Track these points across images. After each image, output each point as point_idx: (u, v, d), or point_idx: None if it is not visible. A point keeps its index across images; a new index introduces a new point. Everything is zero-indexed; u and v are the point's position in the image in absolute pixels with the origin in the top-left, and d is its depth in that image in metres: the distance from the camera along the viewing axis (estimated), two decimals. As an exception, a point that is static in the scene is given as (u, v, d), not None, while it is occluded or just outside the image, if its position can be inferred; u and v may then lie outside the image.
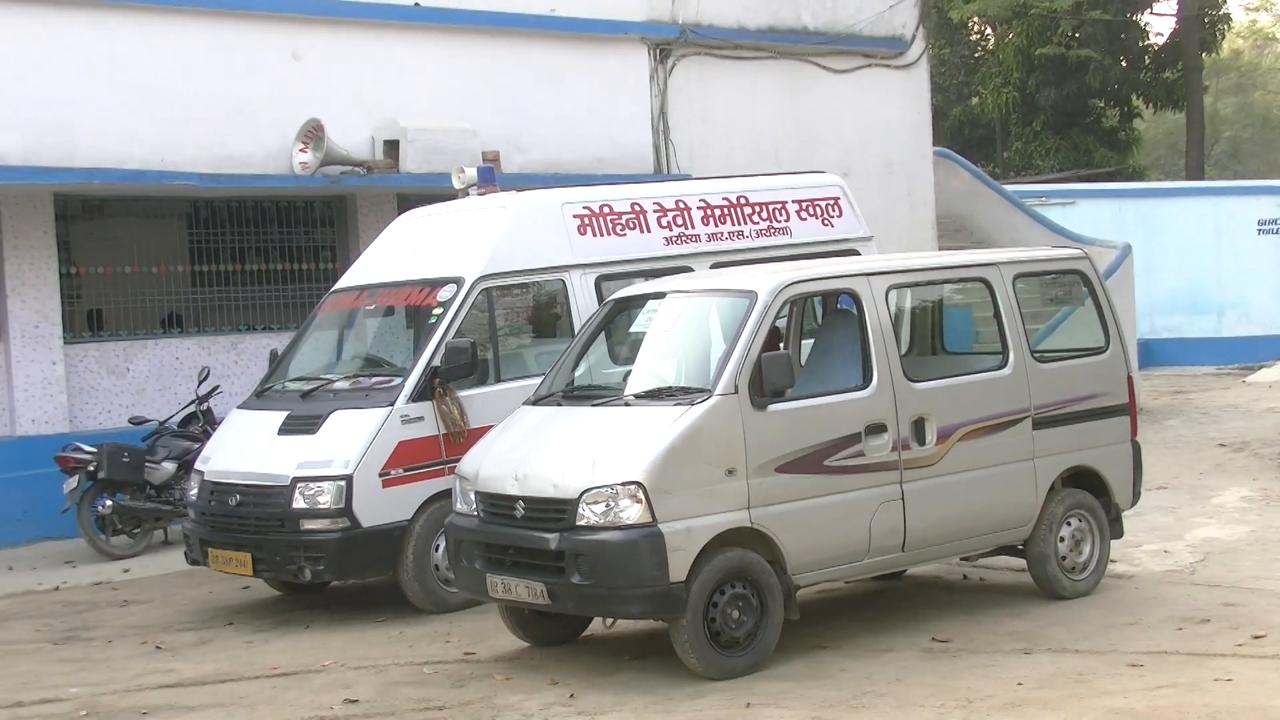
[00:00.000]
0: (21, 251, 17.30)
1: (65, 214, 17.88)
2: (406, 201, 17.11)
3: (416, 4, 19.20)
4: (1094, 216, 29.73)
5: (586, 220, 13.34)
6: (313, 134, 18.14)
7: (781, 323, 10.75)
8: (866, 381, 10.31)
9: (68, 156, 16.99)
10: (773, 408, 9.83)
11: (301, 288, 18.95)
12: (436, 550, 12.00)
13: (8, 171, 16.54)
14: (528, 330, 13.81)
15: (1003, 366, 11.05)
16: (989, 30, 48.18)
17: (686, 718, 8.94)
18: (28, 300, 17.31)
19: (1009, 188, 29.81)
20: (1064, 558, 11.24)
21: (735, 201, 14.14)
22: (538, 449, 10.15)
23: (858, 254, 13.94)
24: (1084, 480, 11.42)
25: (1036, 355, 11.41)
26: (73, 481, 15.65)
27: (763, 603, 9.70)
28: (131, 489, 15.84)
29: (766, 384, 9.75)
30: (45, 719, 9.83)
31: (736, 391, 9.71)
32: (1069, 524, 11.26)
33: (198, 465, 13.04)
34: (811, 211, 14.42)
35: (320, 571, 11.98)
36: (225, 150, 17.97)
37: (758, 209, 14.17)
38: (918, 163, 23.68)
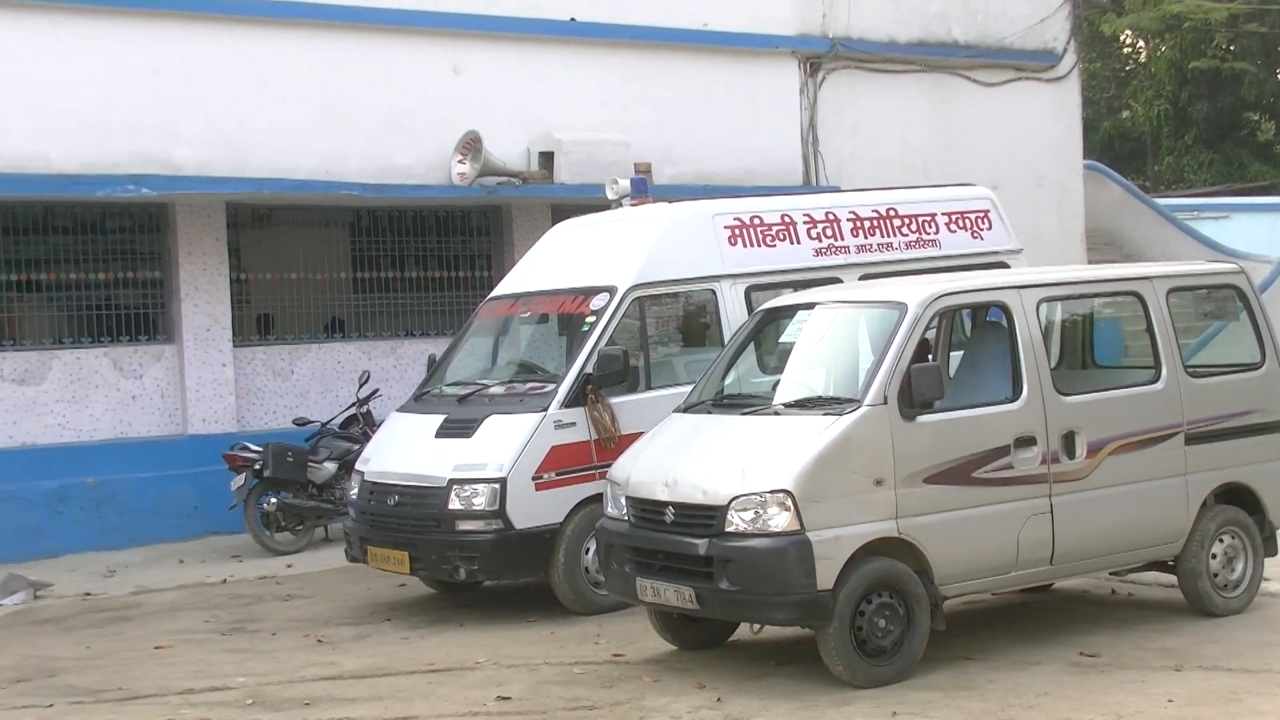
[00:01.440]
0: (195, 258, 17.58)
1: (236, 222, 18.12)
2: (560, 212, 17.09)
3: (572, 19, 19.23)
4: (1248, 231, 28.93)
5: (737, 231, 13.24)
6: (471, 146, 18.24)
7: (931, 334, 10.55)
8: (1016, 394, 10.11)
9: (239, 167, 17.25)
10: (922, 419, 9.66)
11: (458, 295, 19.05)
12: (587, 553, 11.96)
13: (183, 181, 16.84)
14: (678, 339, 13.71)
15: (1155, 381, 10.76)
16: (1140, 43, 47.29)
17: (833, 724, 8.82)
18: (200, 305, 17.57)
19: (1160, 201, 29.22)
20: (1216, 574, 10.91)
21: (884, 214, 13.95)
22: (687, 456, 10.07)
23: (1007, 266, 13.70)
24: (1237, 497, 11.07)
25: (1189, 370, 11.09)
26: (240, 479, 15.88)
27: (909, 612, 9.52)
28: (295, 487, 16.02)
29: (916, 395, 9.60)
30: (214, 706, 9.91)
31: (886, 402, 9.56)
32: (1221, 540, 10.92)
33: (358, 466, 13.12)
34: (961, 224, 14.20)
35: (474, 571, 12.01)
36: (387, 161, 18.13)
37: (907, 221, 13.98)
38: (1068, 176, 23.32)
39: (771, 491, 9.30)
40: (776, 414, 10.08)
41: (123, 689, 10.53)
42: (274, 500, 15.96)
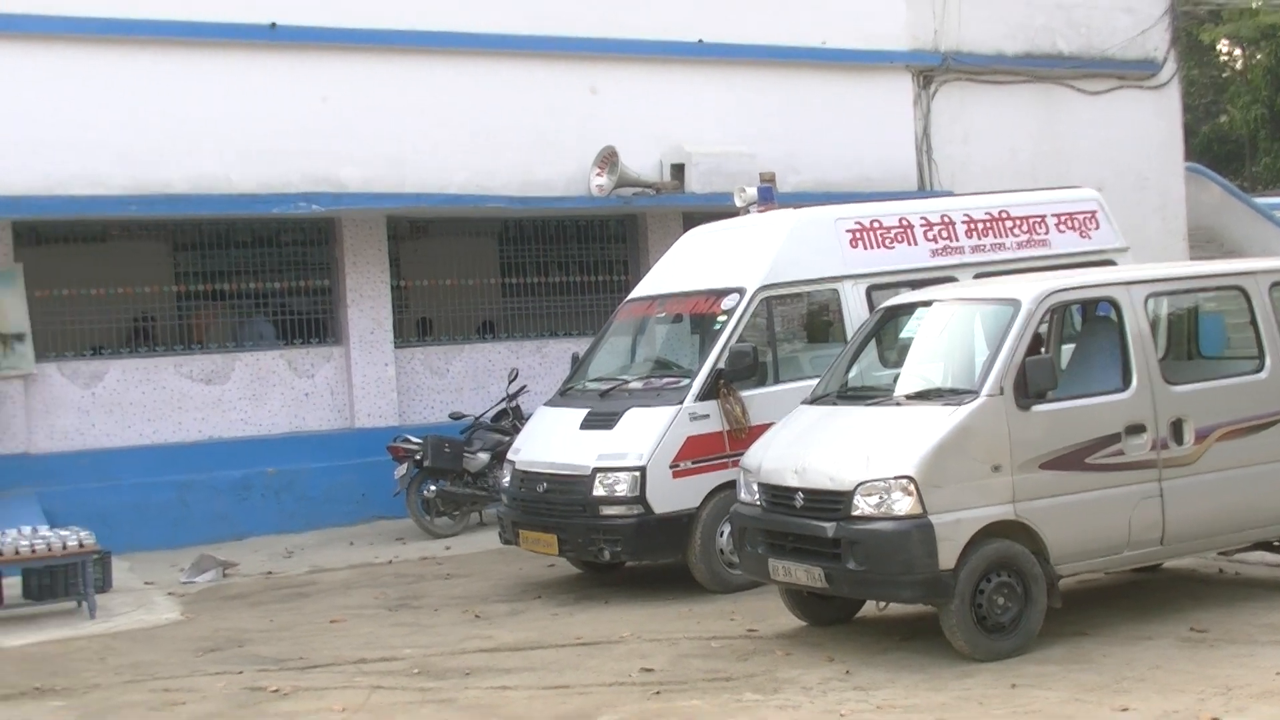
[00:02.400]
0: (359, 267, 17.75)
1: (396, 234, 18.28)
2: (691, 219, 17.05)
3: (700, 40, 19.17)
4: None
5: (857, 235, 13.11)
6: (608, 160, 18.25)
7: (1043, 329, 10.35)
8: (1126, 384, 9.90)
9: (398, 184, 17.42)
10: (1036, 408, 9.51)
11: (597, 297, 19.06)
12: (721, 535, 11.89)
13: (349, 198, 17.03)
14: (803, 335, 13.61)
15: (1259, 371, 10.47)
16: (1237, 51, 46.25)
17: (955, 695, 8.67)
18: (364, 310, 17.75)
19: (1259, 201, 28.53)
20: (1321, 553, 10.64)
21: (996, 216, 13.75)
22: (815, 445, 10.00)
23: (1114, 264, 13.43)
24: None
25: (1293, 359, 10.80)
26: (402, 469, 16.01)
27: (1027, 591, 9.37)
28: (452, 476, 16.11)
29: (1030, 386, 9.45)
30: (384, 675, 9.98)
31: (1002, 393, 9.44)
32: (1327, 520, 10.62)
33: (510, 456, 13.15)
34: (1069, 224, 13.95)
35: (618, 553, 12.01)
36: (532, 176, 18.19)
37: (1018, 222, 13.77)
38: (1169, 178, 22.87)
39: (895, 477, 9.21)
40: (898, 405, 9.99)
41: (303, 658, 10.66)
42: (433, 488, 16.05)
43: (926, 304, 10.95)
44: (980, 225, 13.60)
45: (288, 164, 16.95)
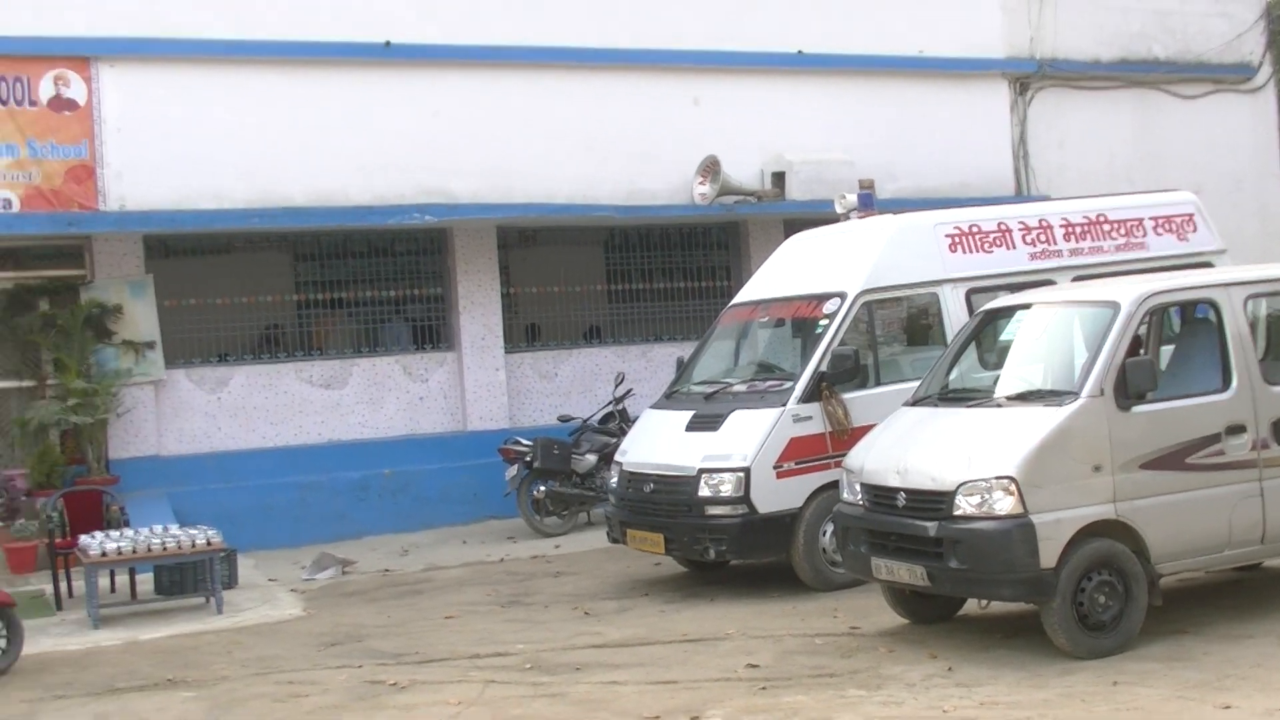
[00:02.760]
0: (471, 275, 17.86)
1: (505, 243, 18.35)
2: (792, 226, 16.95)
3: (800, 51, 19.10)
4: None
5: (956, 239, 12.99)
6: (710, 169, 18.23)
7: (1142, 330, 10.19)
8: (1226, 385, 9.73)
9: (507, 195, 17.52)
10: (1136, 409, 9.37)
11: (700, 303, 19.04)
12: (824, 535, 11.82)
13: (461, 209, 17.15)
14: (903, 339, 13.47)
15: (1361, 370, 10.24)
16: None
17: (1057, 693, 8.55)
18: (476, 316, 17.85)
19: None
20: None
21: (1094, 219, 13.55)
22: (917, 445, 9.91)
23: (1212, 266, 13.19)
24: None
25: (1395, 358, 10.52)
26: (513, 470, 16.08)
27: (1127, 589, 9.24)
28: (560, 477, 16.16)
29: (1130, 387, 9.33)
30: (498, 669, 10.02)
31: (1102, 394, 9.32)
32: None
33: (617, 457, 13.16)
34: (1167, 227, 13.72)
35: (723, 551, 11.99)
36: (636, 185, 18.21)
37: (1115, 226, 13.56)
38: (1266, 180, 22.45)
39: (997, 478, 9.12)
40: (999, 406, 9.88)
41: (419, 653, 10.72)
42: (543, 488, 16.11)
43: (1026, 307, 10.83)
44: (1078, 229, 13.41)
45: (402, 177, 17.11)
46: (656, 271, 19.20)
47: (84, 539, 12.90)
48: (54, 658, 11.41)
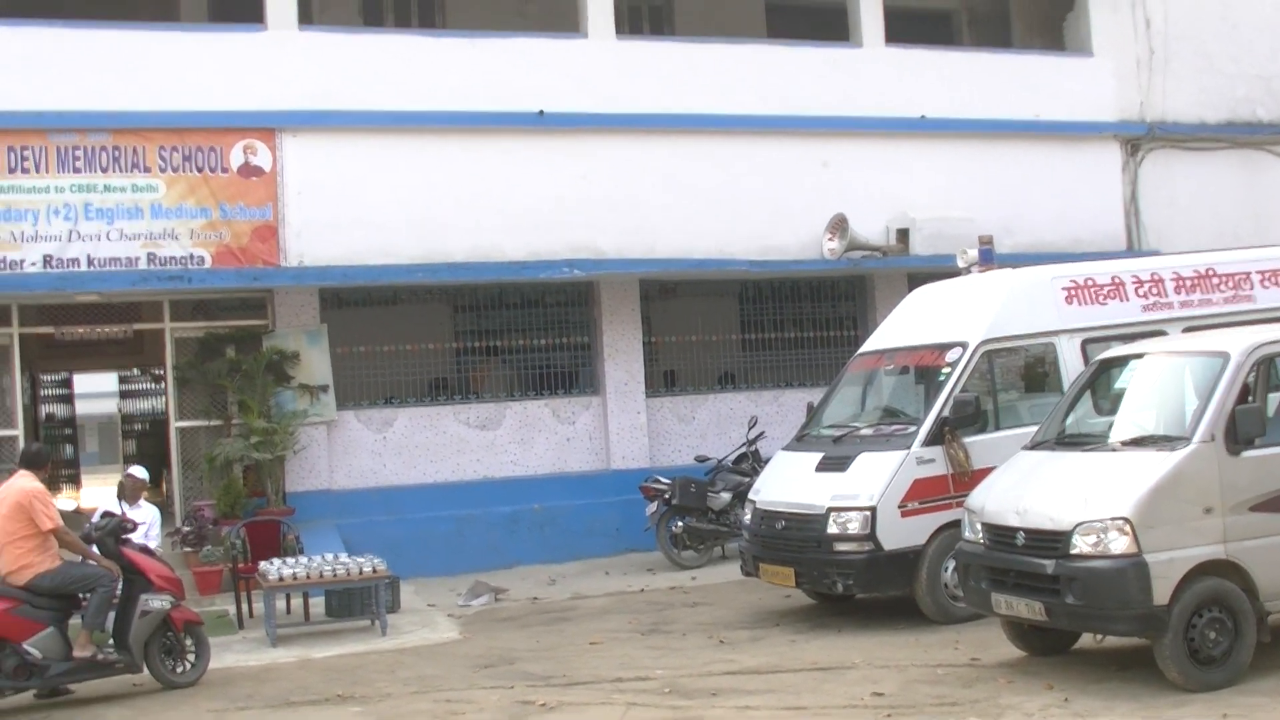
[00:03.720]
0: (615, 325, 17.96)
1: (647, 295, 18.40)
2: (915, 279, 16.81)
3: (922, 116, 18.99)
4: None
5: (1072, 292, 12.80)
6: (839, 226, 18.18)
7: (1250, 379, 9.93)
8: (1330, 431, 9.47)
9: (649, 250, 17.59)
10: (1245, 454, 9.16)
11: (828, 351, 18.92)
12: (946, 571, 11.69)
13: (606, 264, 17.30)
14: (1021, 386, 13.25)
15: None
16: None
17: (1169, 724, 8.38)
18: (619, 364, 17.93)
19: None
20: None
21: (1204, 273, 13.26)
22: (1035, 487, 9.77)
23: (1318, 319, 12.86)
24: None
25: None
26: (653, 506, 16.09)
27: (1237, 626, 9.01)
28: (697, 513, 16.14)
29: (1240, 433, 9.13)
30: (639, 692, 10.00)
31: (1213, 439, 9.15)
32: None
33: (751, 495, 13.11)
34: (1274, 280, 13.32)
35: (850, 585, 11.90)
36: (768, 241, 18.20)
37: (1224, 279, 13.25)
38: (1363, 236, 21.80)
39: (1112, 518, 8.98)
40: (1114, 450, 9.72)
41: (566, 675, 10.74)
42: (681, 524, 16.10)
43: (1139, 356, 10.64)
44: (1188, 282, 13.15)
45: (552, 234, 17.26)
46: (787, 322, 19.14)
47: (264, 565, 13.18)
48: (236, 672, 11.65)
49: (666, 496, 16.02)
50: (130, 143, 16.11)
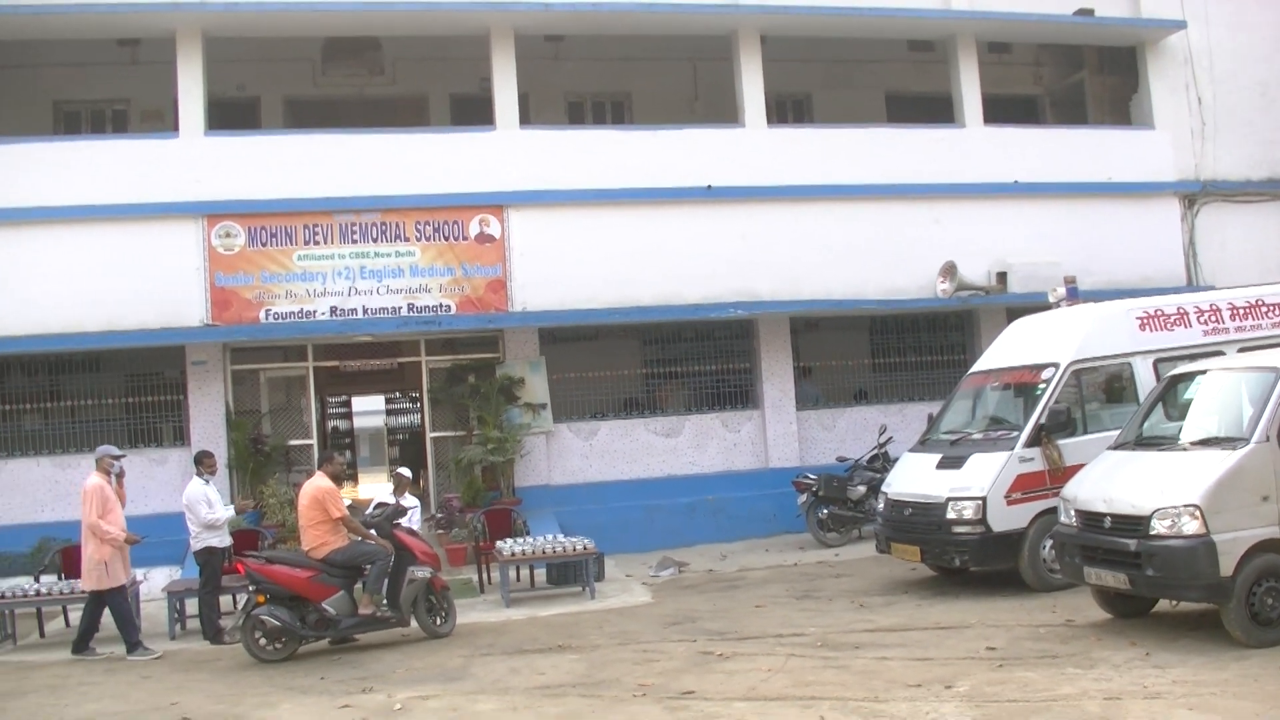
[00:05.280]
0: (770, 354, 17.95)
1: (795, 329, 18.33)
2: (1013, 313, 16.45)
3: (1015, 181, 18.64)
4: None
5: (1145, 320, 12.46)
6: (949, 271, 17.93)
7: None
8: (1370, 431, 9.06)
9: (796, 293, 17.57)
10: (1296, 451, 8.84)
11: (942, 372, 18.56)
12: (1044, 548, 11.45)
13: (763, 305, 17.29)
14: (1103, 398, 12.91)
15: None
16: None
17: (1234, 674, 8.12)
18: (774, 384, 17.91)
19: None
20: None
21: (1254, 303, 12.78)
22: (1119, 480, 9.56)
23: (1357, 340, 12.30)
24: None
25: None
26: (803, 497, 16.03)
27: (1291, 594, 8.71)
28: (839, 503, 16.03)
29: (1290, 434, 8.81)
30: (796, 646, 9.98)
31: (1268, 440, 8.89)
32: None
33: (883, 488, 13.00)
34: None
35: (965, 560, 11.72)
36: (892, 284, 18.02)
37: (1271, 308, 12.75)
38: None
39: (1185, 505, 8.76)
40: (1184, 450, 9.46)
41: (737, 631, 10.77)
42: (826, 511, 16.01)
43: (1202, 372, 10.34)
44: (1241, 310, 12.69)
45: (719, 282, 17.32)
46: (908, 348, 18.89)
47: (499, 543, 13.41)
48: (479, 627, 11.88)
49: (814, 489, 15.95)
50: (394, 219, 16.64)
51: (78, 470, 16.07)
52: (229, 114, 18.32)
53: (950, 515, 11.65)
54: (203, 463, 12.43)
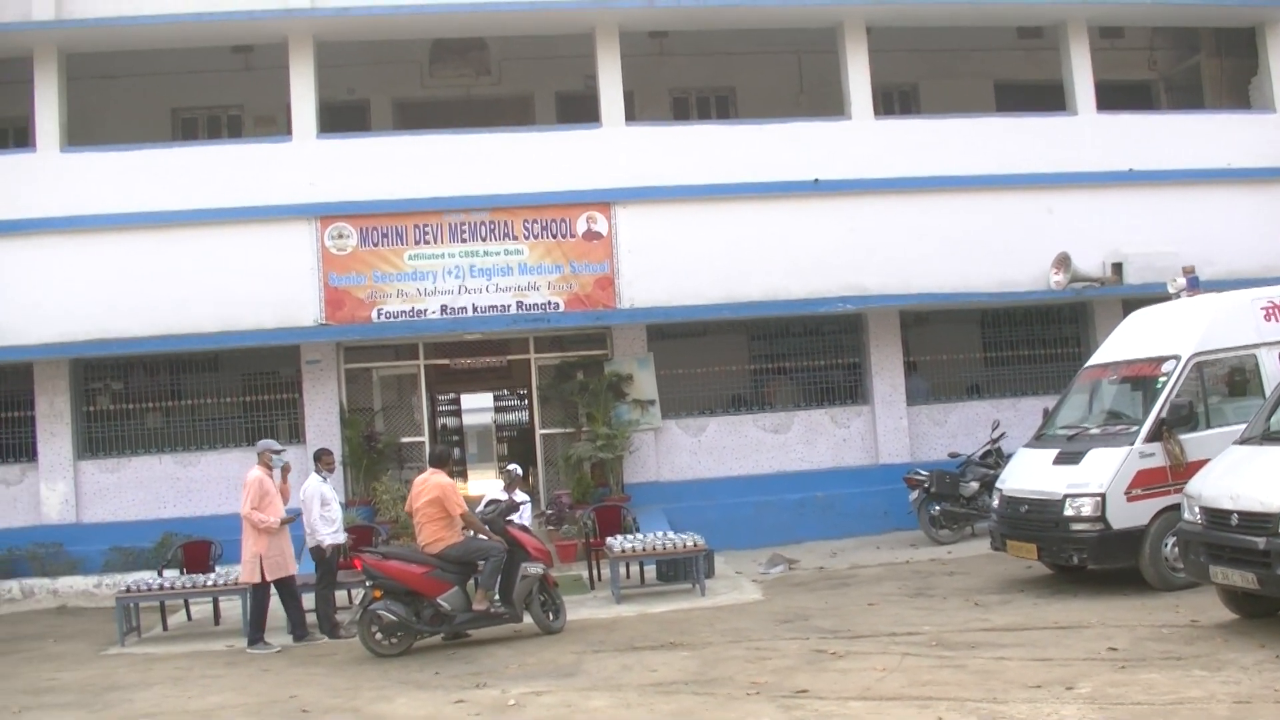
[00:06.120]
0: (880, 348, 17.77)
1: (905, 323, 18.11)
2: (1129, 305, 16.04)
3: (1130, 169, 18.17)
4: None
5: (1270, 310, 12.03)
6: (1062, 262, 17.56)
7: None
8: None
9: (905, 287, 17.40)
10: None
11: (1055, 366, 18.24)
12: (1166, 546, 11.14)
13: (872, 299, 17.20)
14: (1226, 391, 12.51)
15: None
16: None
17: (1372, 678, 7.81)
18: (884, 379, 17.72)
19: None
20: None
21: None
22: (1246, 476, 9.25)
23: None
24: None
25: None
26: (915, 494, 15.84)
27: None
28: (951, 499, 15.80)
29: None
30: (910, 644, 9.86)
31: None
32: None
33: (998, 485, 12.76)
34: None
35: (1083, 558, 11.44)
36: (1004, 276, 17.71)
37: None
38: None
39: (1316, 502, 8.42)
40: (1315, 445, 9.11)
41: (849, 630, 10.66)
42: (937, 508, 15.80)
43: (1334, 364, 9.97)
44: None
45: (827, 276, 17.21)
46: (1020, 342, 18.53)
47: (609, 540, 13.45)
48: (590, 623, 11.91)
49: (926, 485, 15.75)
50: (502, 218, 16.84)
51: (197, 468, 16.58)
52: (340, 117, 18.71)
53: (1068, 512, 11.40)
54: (321, 460, 12.68)
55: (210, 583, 12.77)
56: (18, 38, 16.55)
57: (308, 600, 12.54)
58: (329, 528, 12.38)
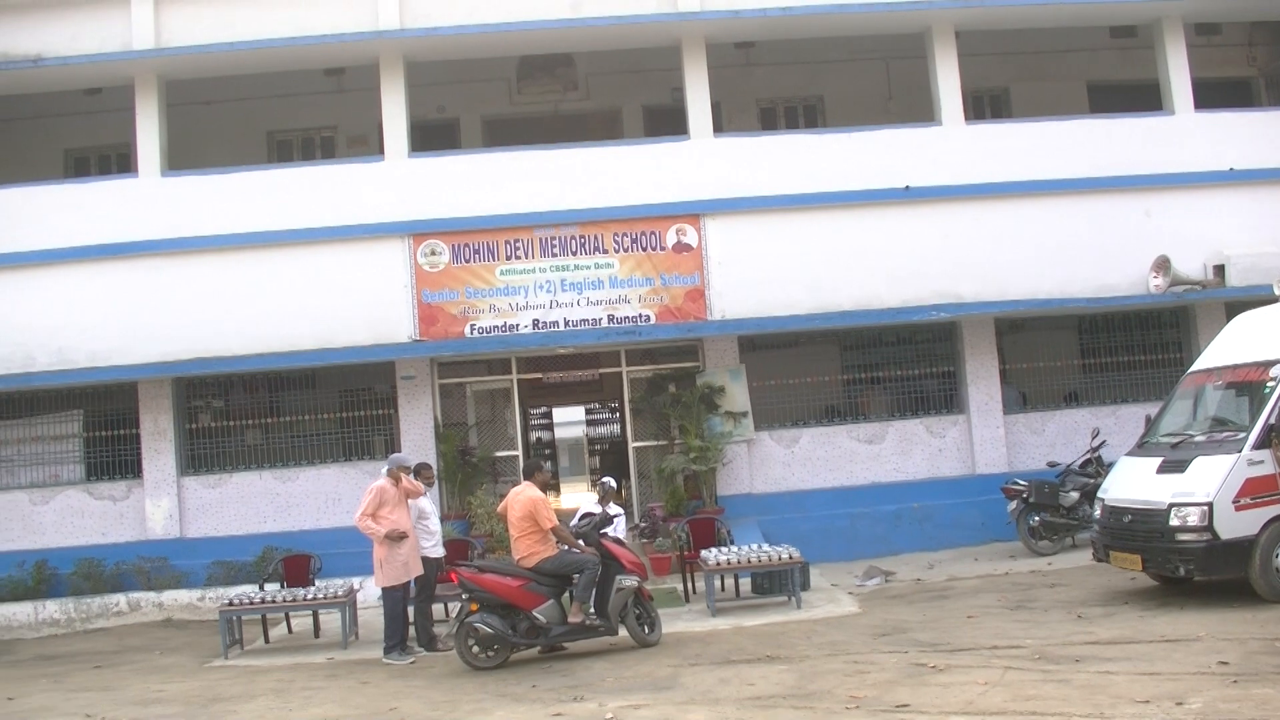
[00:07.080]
0: (975, 357, 17.55)
1: (1000, 330, 17.89)
2: (1232, 308, 15.66)
3: (1230, 169, 17.73)
4: None
5: (1381, 311, 11.70)
6: (1162, 265, 17.20)
7: None
8: None
9: (1001, 294, 17.21)
10: None
11: (1156, 372, 17.86)
12: (1277, 556, 10.84)
13: (966, 307, 16.94)
14: (1340, 395, 12.22)
15: None
16: None
17: None
18: (980, 388, 17.50)
19: None
20: None
21: None
22: (1363, 485, 8.96)
23: None
24: None
25: None
26: (1013, 504, 15.59)
27: None
28: (1050, 509, 15.54)
29: None
30: (1012, 658, 9.64)
31: None
32: None
33: (1099, 494, 12.52)
34: None
35: (1190, 569, 11.18)
36: (1101, 281, 17.41)
37: None
38: None
39: None
40: None
41: (949, 643, 10.53)
42: (1037, 518, 15.53)
43: None
44: None
45: (920, 284, 17.05)
46: (1119, 348, 18.18)
47: (704, 553, 13.40)
48: (685, 636, 11.90)
49: (1024, 496, 15.50)
50: (592, 232, 16.96)
51: (296, 483, 16.93)
52: (430, 135, 19.01)
53: (1174, 522, 11.15)
54: (421, 474, 12.86)
55: (310, 596, 13.02)
56: (120, 66, 17.09)
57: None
58: (428, 541, 12.55)
